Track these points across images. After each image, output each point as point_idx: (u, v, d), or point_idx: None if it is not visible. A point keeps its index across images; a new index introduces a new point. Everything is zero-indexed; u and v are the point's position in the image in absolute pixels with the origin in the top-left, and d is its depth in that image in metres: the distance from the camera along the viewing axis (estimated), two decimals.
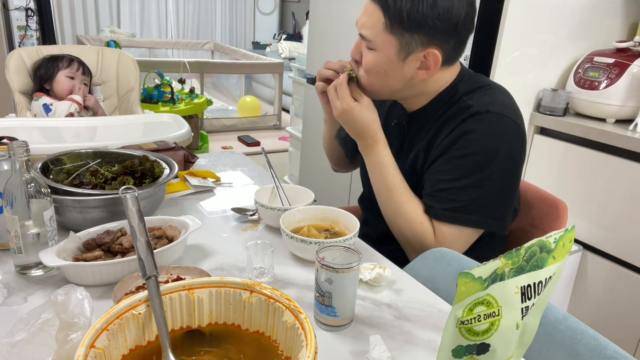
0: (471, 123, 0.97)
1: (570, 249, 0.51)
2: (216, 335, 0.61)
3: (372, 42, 0.97)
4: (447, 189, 0.99)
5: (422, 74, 0.99)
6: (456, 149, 0.98)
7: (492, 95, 1.02)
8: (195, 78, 4.58)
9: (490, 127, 0.97)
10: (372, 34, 0.96)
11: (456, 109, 1.01)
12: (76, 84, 2.02)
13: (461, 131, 0.98)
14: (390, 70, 0.98)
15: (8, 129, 1.53)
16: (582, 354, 0.69)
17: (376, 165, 1.05)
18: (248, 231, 1.07)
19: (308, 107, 2.72)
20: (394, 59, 0.97)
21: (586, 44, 1.84)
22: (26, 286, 0.81)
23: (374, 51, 0.98)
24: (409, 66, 0.98)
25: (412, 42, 0.94)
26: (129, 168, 1.10)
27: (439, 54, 0.95)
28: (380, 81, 1.01)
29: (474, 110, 0.98)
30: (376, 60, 0.98)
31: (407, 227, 1.02)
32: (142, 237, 0.67)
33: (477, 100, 1.00)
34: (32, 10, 3.58)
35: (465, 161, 0.98)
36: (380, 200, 1.07)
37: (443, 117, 1.03)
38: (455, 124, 0.99)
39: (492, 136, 0.97)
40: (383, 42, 0.96)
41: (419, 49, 0.95)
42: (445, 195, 0.99)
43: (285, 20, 7.08)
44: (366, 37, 0.98)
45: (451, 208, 0.98)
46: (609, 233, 1.66)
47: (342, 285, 0.72)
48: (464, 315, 0.48)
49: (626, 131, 1.60)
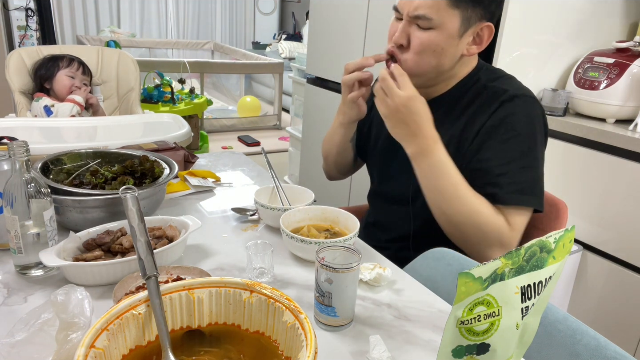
0: (511, 106, 0.99)
1: (570, 249, 0.51)
2: (216, 335, 0.61)
3: (433, 20, 0.94)
4: (505, 173, 0.97)
5: (474, 49, 1.01)
6: (503, 133, 0.98)
7: (518, 82, 1.06)
8: (195, 78, 4.58)
9: (528, 109, 1.00)
10: (433, 12, 0.94)
11: (490, 94, 1.02)
12: (76, 84, 2.02)
13: (502, 115, 0.99)
14: (446, 47, 0.98)
15: (8, 129, 1.53)
16: (582, 354, 0.69)
17: (438, 164, 0.97)
18: (248, 231, 1.07)
19: (308, 107, 2.72)
20: (454, 34, 0.96)
21: (586, 44, 1.84)
22: (26, 286, 0.81)
23: (432, 30, 0.96)
24: (463, 42, 0.99)
25: (473, 16, 0.96)
26: (129, 168, 1.10)
27: (493, 27, 0.99)
28: (432, 61, 0.99)
29: (512, 94, 0.99)
30: (435, 38, 0.96)
31: (485, 221, 0.95)
32: (142, 237, 0.67)
33: (510, 85, 1.02)
34: (32, 10, 3.58)
35: (515, 143, 0.98)
36: (446, 202, 0.98)
37: (476, 103, 1.03)
38: (494, 108, 1.00)
39: (531, 117, 1.00)
40: (445, 18, 0.94)
41: (477, 23, 0.97)
42: (507, 179, 0.97)
43: (285, 20, 7.08)
44: (426, 15, 0.94)
45: (516, 190, 0.97)
46: (609, 233, 1.66)
47: (342, 285, 0.72)
48: (464, 315, 0.48)
49: (626, 131, 1.60)
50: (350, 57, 2.32)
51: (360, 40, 2.24)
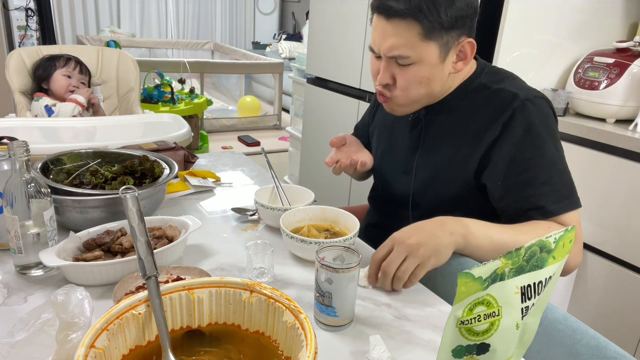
0: (527, 113, 0.96)
1: (570, 249, 0.51)
2: (216, 335, 0.61)
3: (410, 57, 0.94)
4: (546, 181, 0.95)
5: (460, 65, 0.99)
6: (528, 143, 0.95)
7: (522, 82, 1.04)
8: (195, 78, 4.58)
9: (543, 111, 0.98)
10: (409, 50, 0.93)
11: (498, 100, 0.99)
12: (73, 83, 2.02)
13: (522, 124, 0.95)
14: (432, 75, 0.97)
15: (8, 129, 1.53)
16: (582, 354, 0.69)
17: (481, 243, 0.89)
18: (248, 231, 1.07)
19: (308, 107, 2.72)
20: (435, 62, 0.95)
21: (586, 44, 1.84)
22: (26, 286, 0.81)
23: (413, 65, 0.95)
24: (448, 63, 0.98)
25: (450, 39, 0.94)
26: (129, 168, 1.10)
27: (473, 40, 0.97)
28: (422, 91, 0.99)
29: (522, 97, 0.97)
30: (418, 72, 0.96)
31: None
32: (142, 237, 0.67)
33: (517, 88, 1.00)
34: (32, 10, 3.58)
35: (544, 150, 0.96)
36: None
37: (485, 109, 1.00)
38: (507, 116, 0.96)
39: (547, 118, 0.98)
40: (422, 52, 0.94)
41: (455, 44, 0.95)
42: (549, 188, 0.95)
43: (285, 20, 7.08)
44: (402, 55, 0.94)
45: (560, 198, 0.95)
46: (609, 233, 1.66)
47: (342, 285, 0.72)
48: (464, 315, 0.48)
49: (626, 131, 1.60)
50: (350, 57, 2.32)
51: (360, 40, 2.24)
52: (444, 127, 1.07)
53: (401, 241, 0.85)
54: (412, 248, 0.83)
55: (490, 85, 1.02)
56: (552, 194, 0.94)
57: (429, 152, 1.08)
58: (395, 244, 0.85)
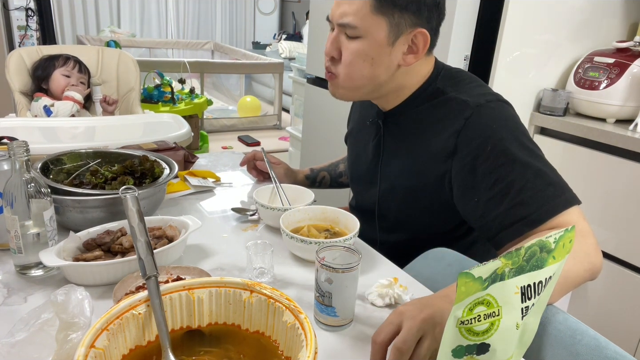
0: (479, 122, 0.90)
1: (570, 249, 0.51)
2: (216, 335, 0.61)
3: (358, 28, 0.90)
4: (523, 187, 0.85)
5: (410, 58, 0.94)
6: (491, 151, 0.88)
7: (478, 87, 0.98)
8: (195, 78, 4.58)
9: (501, 113, 0.91)
10: (358, 19, 0.90)
11: (452, 106, 0.94)
12: (72, 82, 2.02)
13: (478, 133, 0.89)
14: (377, 56, 0.92)
15: (8, 129, 1.53)
16: (582, 354, 0.69)
17: None
18: (248, 231, 1.07)
19: (308, 107, 2.72)
20: (383, 42, 0.91)
21: (586, 44, 1.84)
22: (26, 286, 0.81)
23: (359, 39, 0.92)
24: (397, 50, 0.93)
25: (402, 22, 0.90)
26: (129, 168, 1.10)
27: (427, 33, 0.92)
28: (364, 71, 0.94)
29: (473, 104, 0.91)
30: (362, 47, 0.92)
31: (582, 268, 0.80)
32: (142, 237, 0.67)
33: (469, 94, 0.94)
34: (32, 10, 3.58)
35: (511, 155, 0.87)
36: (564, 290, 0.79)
37: (439, 116, 0.95)
38: (458, 126, 0.91)
39: (506, 121, 0.91)
40: (371, 26, 0.90)
41: (408, 30, 0.91)
42: (529, 194, 0.84)
43: (285, 20, 7.08)
44: (350, 24, 0.91)
45: (545, 200, 0.84)
46: (609, 233, 1.66)
47: (342, 285, 0.72)
48: (464, 315, 0.48)
49: (626, 131, 1.60)
50: None
51: None
52: (400, 137, 1.03)
53: (411, 316, 0.65)
54: (426, 324, 0.65)
55: (446, 91, 0.97)
56: (533, 199, 0.84)
57: (388, 163, 1.06)
58: (404, 319, 0.65)
